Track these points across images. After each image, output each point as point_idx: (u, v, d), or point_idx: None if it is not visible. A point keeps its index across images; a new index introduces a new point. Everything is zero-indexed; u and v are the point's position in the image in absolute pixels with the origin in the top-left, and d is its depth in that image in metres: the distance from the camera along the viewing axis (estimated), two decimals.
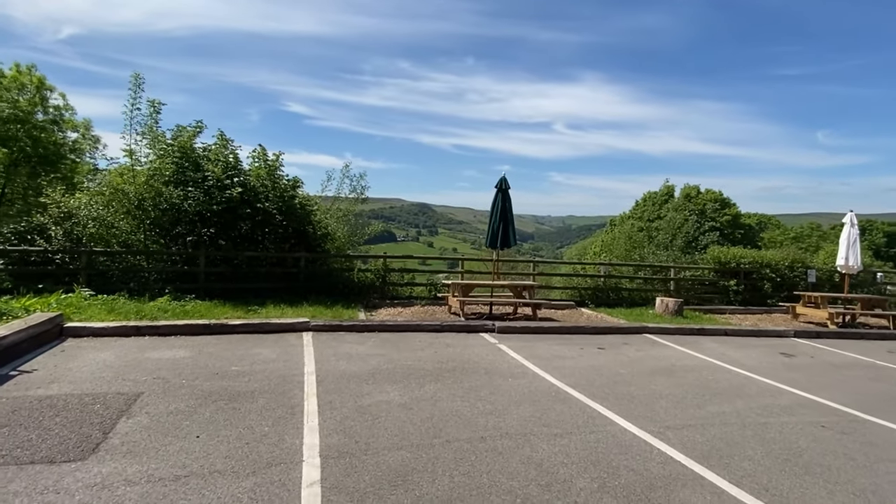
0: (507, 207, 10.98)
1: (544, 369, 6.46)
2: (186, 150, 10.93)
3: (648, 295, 14.46)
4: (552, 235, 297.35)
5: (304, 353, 6.44)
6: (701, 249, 17.09)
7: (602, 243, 36.99)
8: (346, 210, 14.01)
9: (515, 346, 7.73)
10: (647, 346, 8.44)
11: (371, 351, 6.81)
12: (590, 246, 42.38)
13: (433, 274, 14.29)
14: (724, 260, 14.78)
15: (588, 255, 38.97)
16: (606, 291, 13.98)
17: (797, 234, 40.79)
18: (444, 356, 6.77)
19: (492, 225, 10.95)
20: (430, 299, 12.44)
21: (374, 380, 5.51)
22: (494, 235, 10.93)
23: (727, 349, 8.54)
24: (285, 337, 7.31)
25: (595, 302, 13.56)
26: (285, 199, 11.42)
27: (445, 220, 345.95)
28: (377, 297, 12.52)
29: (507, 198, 10.97)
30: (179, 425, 3.98)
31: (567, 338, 8.63)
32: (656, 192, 42.25)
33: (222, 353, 6.24)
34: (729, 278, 14.64)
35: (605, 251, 19.76)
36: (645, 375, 6.52)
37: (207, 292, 10.72)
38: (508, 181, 11.01)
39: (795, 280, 14.85)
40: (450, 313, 11.08)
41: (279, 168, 12.00)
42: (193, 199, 10.51)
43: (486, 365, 6.48)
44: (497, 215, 10.87)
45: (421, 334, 8.11)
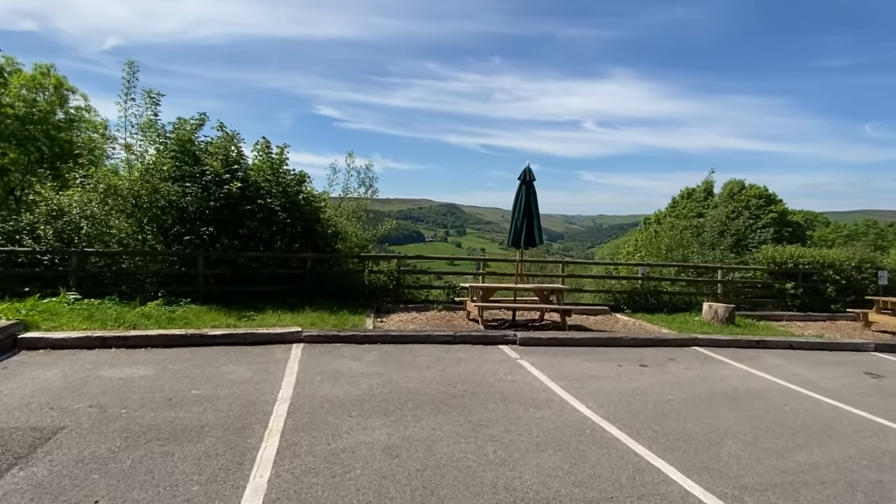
0: (532, 202, 9.77)
1: (574, 394, 5.26)
2: (185, 144, 10.14)
3: (692, 299, 12.98)
4: (582, 235, 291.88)
5: (286, 372, 5.43)
6: (752, 249, 15.42)
7: (636, 242, 35.15)
8: (358, 206, 13.02)
9: (540, 362, 6.54)
10: (699, 362, 7.10)
11: (367, 368, 5.75)
12: (622, 245, 40.44)
13: (457, 276, 13.21)
14: (780, 260, 13.14)
15: (621, 255, 37.13)
16: (645, 295, 12.58)
17: (851, 231, 37.83)
18: (453, 376, 5.65)
19: (514, 222, 9.76)
20: (449, 303, 11.35)
21: (361, 410, 4.44)
22: (518, 233, 9.74)
23: (797, 367, 7.12)
24: (271, 350, 6.33)
25: (632, 307, 12.19)
26: (289, 195, 10.51)
27: (474, 220, 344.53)
28: (390, 301, 11.51)
29: (531, 191, 9.77)
30: (82, 482, 2.99)
31: (601, 352, 7.37)
32: (695, 188, 40.04)
33: (189, 372, 5.29)
34: (785, 280, 13.00)
35: (642, 250, 18.26)
36: (701, 404, 5.25)
37: (206, 296, 9.91)
38: (533, 173, 9.80)
39: (864, 283, 13.08)
40: (468, 319, 9.97)
41: (284, 162, 11.11)
42: (191, 196, 9.72)
43: (504, 388, 5.32)
44: (520, 210, 9.67)
45: (430, 347, 6.99)
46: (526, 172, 9.72)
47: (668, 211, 38.42)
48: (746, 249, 15.33)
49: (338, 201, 12.82)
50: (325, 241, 11.43)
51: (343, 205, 12.75)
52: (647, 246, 16.49)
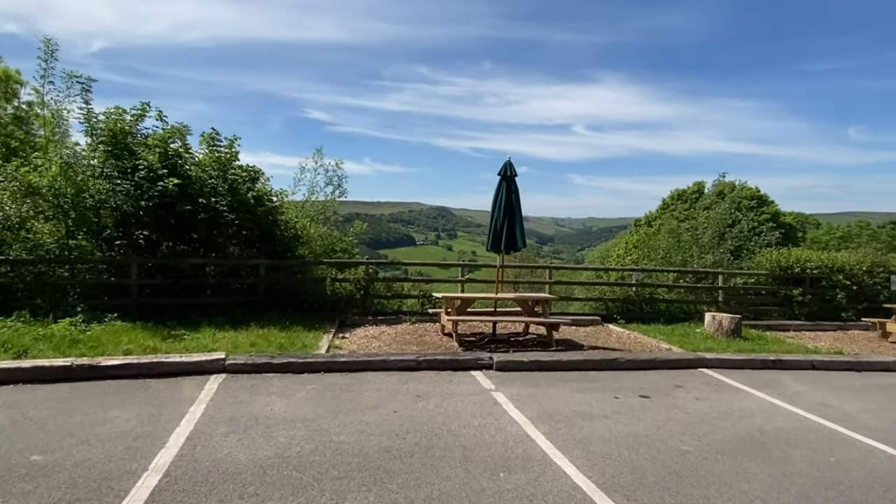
0: (514, 200, 8.55)
1: (561, 445, 4.04)
2: (119, 135, 8.80)
3: (691, 307, 11.86)
4: (572, 238, 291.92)
5: (185, 419, 4.14)
6: (753, 252, 14.37)
7: (626, 245, 34.11)
8: (325, 207, 11.73)
9: (519, 394, 5.30)
10: (710, 390, 5.91)
11: (294, 411, 4.47)
12: (612, 248, 39.48)
13: (439, 284, 11.93)
14: (786, 264, 12.06)
15: (612, 258, 36.11)
16: (639, 303, 11.43)
17: (844, 233, 37.15)
18: (405, 421, 4.40)
19: (494, 222, 8.54)
20: (424, 314, 10.11)
21: (261, 485, 3.16)
22: (497, 236, 8.50)
23: (826, 395, 5.96)
24: (180, 385, 5.03)
25: (625, 316, 11.03)
26: (238, 194, 9.21)
27: (464, 223, 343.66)
28: (357, 313, 10.24)
29: (513, 188, 8.55)
30: None
31: (594, 377, 6.16)
32: (685, 189, 39.23)
33: (52, 421, 3.98)
34: (791, 286, 11.92)
35: (634, 252, 17.19)
36: (724, 455, 4.05)
37: (140, 309, 8.58)
38: (514, 167, 8.59)
39: (876, 288, 12.04)
40: (443, 334, 8.74)
41: (236, 157, 9.81)
42: (122, 194, 8.41)
43: (469, 439, 4.08)
44: (500, 210, 8.45)
45: (385, 376, 5.72)
46: (506, 167, 8.51)
47: (658, 213, 37.55)
48: (748, 252, 14.26)
49: (303, 202, 11.52)
50: (285, 246, 10.14)
51: (307, 206, 11.46)
52: (643, 247, 15.37)
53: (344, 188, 11.63)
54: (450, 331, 8.54)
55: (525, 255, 57.05)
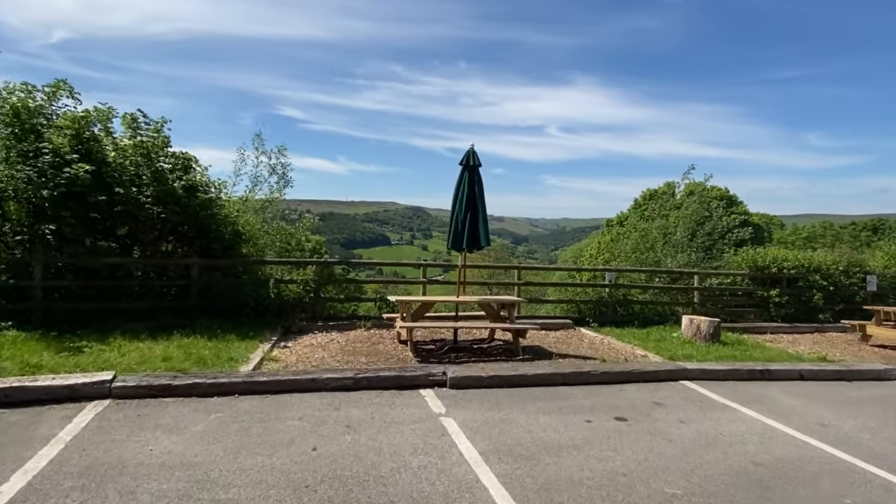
0: (478, 192, 7.70)
1: (520, 495, 3.18)
2: (21, 113, 7.58)
3: (666, 309, 11.24)
4: (546, 238, 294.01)
5: (22, 468, 3.11)
6: (726, 251, 13.90)
7: (599, 245, 33.83)
8: (271, 199, 10.63)
9: (474, 420, 4.43)
10: (694, 408, 5.16)
11: (183, 451, 3.48)
12: (585, 248, 39.23)
13: (404, 285, 10.99)
14: (763, 264, 11.56)
15: (584, 258, 35.76)
16: (613, 305, 10.75)
17: (809, 233, 37.73)
18: (322, 464, 3.46)
19: (455, 217, 7.67)
20: (380, 319, 9.17)
21: None
22: (458, 233, 7.63)
23: (822, 411, 5.28)
24: (43, 416, 3.96)
25: (598, 319, 10.33)
26: (164, 184, 8.09)
27: (440, 223, 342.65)
28: (306, 318, 9.24)
29: (476, 179, 7.69)
30: None
31: (563, 395, 5.34)
32: (657, 189, 39.30)
33: None
34: (769, 287, 11.43)
35: (606, 253, 16.63)
36: (718, 499, 3.26)
37: (47, 316, 7.40)
38: (478, 157, 7.74)
39: (852, 289, 11.66)
40: (399, 342, 7.84)
41: (167, 144, 8.68)
42: (24, 181, 7.21)
43: (403, 487, 3.17)
44: (462, 203, 7.59)
45: (314, 398, 4.75)
46: (469, 156, 7.65)
47: (630, 212, 37.45)
48: (718, 252, 13.78)
49: (246, 195, 10.39)
50: (225, 244, 9.05)
51: (251, 199, 10.35)
52: (614, 247, 14.77)
53: (289, 178, 10.53)
54: (406, 338, 7.64)
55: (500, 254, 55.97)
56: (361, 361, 6.62)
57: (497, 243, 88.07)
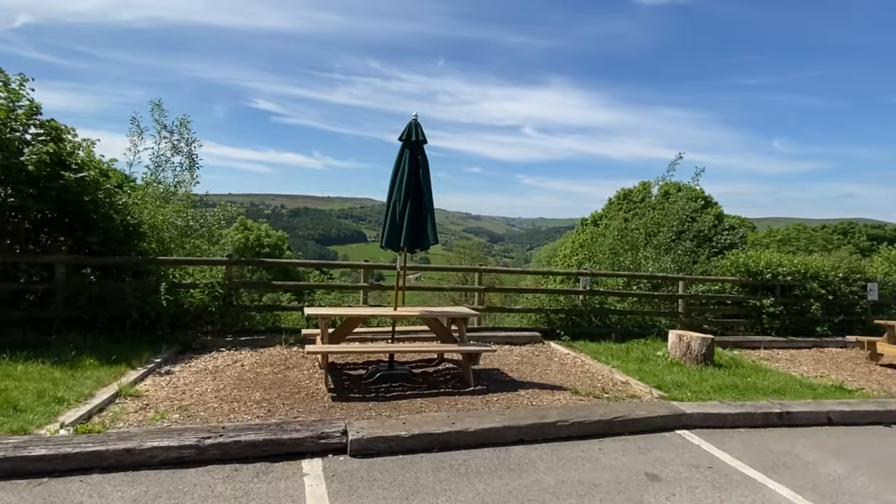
0: (423, 176, 6.02)
1: None
2: None
3: (647, 320, 9.81)
4: (522, 237, 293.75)
5: None
6: (698, 255, 12.59)
7: (573, 244, 32.57)
8: (177, 185, 8.72)
9: None
10: (705, 484, 3.60)
11: None
12: (559, 248, 37.99)
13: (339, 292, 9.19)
14: (755, 269, 10.23)
15: (558, 259, 34.45)
16: (587, 315, 9.25)
17: (784, 236, 37.32)
18: None
19: (391, 207, 5.97)
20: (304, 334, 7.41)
21: None
22: (395, 227, 5.93)
23: (879, 485, 3.80)
24: None
25: (570, 331, 8.82)
26: (15, 156, 6.18)
27: None
28: (213, 331, 7.46)
29: (420, 160, 6.01)
30: None
31: (518, 461, 3.72)
32: (631, 189, 38.35)
33: None
34: (762, 295, 10.11)
35: (580, 253, 15.26)
36: None
37: None
38: (422, 131, 6.06)
39: (852, 298, 10.43)
40: (321, 367, 6.15)
41: (37, 112, 6.74)
42: None
43: None
44: (402, 189, 5.89)
45: (127, 483, 3.01)
46: (411, 129, 5.95)
47: (605, 211, 36.40)
48: (705, 256, 12.46)
49: (150, 180, 8.43)
50: (116, 239, 7.18)
51: (151, 185, 8.41)
52: (589, 248, 13.32)
53: (196, 159, 8.58)
54: (333, 360, 5.94)
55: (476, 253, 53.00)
56: (254, 399, 4.91)
57: (474, 241, 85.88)
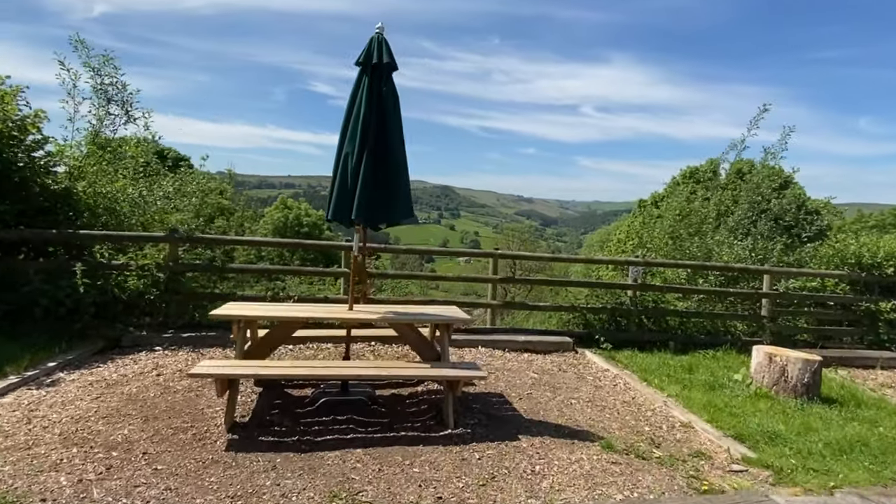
0: (389, 117, 4.11)
1: None
2: None
3: (719, 325, 7.52)
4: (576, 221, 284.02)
5: None
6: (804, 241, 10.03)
7: (629, 229, 29.58)
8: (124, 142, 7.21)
9: None
10: None
11: None
12: (614, 232, 34.94)
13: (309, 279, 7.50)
14: (869, 261, 7.67)
15: (611, 244, 31.58)
16: (637, 316, 7.10)
17: (878, 221, 32.39)
18: None
19: (342, 162, 4.10)
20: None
21: None
22: (345, 190, 4.07)
23: None
24: None
25: (613, 337, 6.73)
26: None
27: (468, 203, 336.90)
28: (151, 324, 6.00)
29: (385, 92, 4.10)
30: None
31: None
32: (698, 167, 34.52)
33: None
34: (880, 296, 7.55)
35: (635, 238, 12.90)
36: None
37: None
38: (390, 50, 4.13)
39: None
40: (255, 384, 4.49)
41: None
42: None
43: None
44: (356, 135, 4.01)
45: None
46: (374, 48, 4.04)
47: (667, 192, 32.90)
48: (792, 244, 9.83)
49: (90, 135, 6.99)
50: (38, 209, 5.84)
51: (89, 139, 6.95)
52: (645, 232, 10.98)
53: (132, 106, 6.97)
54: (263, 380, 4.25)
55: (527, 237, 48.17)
56: (114, 440, 3.30)
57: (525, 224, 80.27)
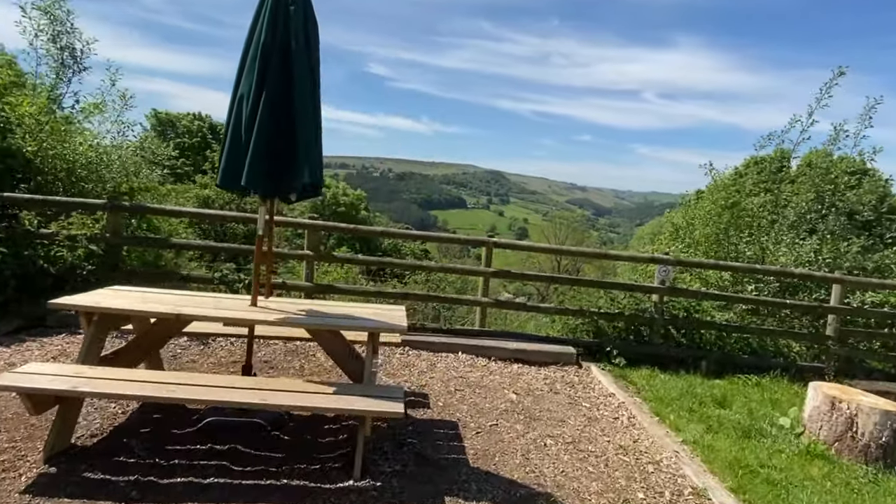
0: (296, 49, 3.02)
1: None
2: None
3: (767, 342, 6.05)
4: (631, 212, 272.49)
5: None
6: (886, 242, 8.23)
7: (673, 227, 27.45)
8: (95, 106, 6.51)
9: None
10: None
11: None
12: (666, 223, 32.41)
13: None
14: None
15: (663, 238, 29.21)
16: (662, 326, 5.76)
17: None
18: None
19: (236, 105, 3.08)
20: None
21: None
22: (237, 146, 3.06)
23: None
24: None
25: (628, 350, 5.46)
26: None
27: (518, 189, 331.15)
28: None
29: (289, 13, 3.01)
30: None
31: None
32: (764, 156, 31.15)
33: None
34: None
35: (667, 232, 11.25)
36: None
37: None
38: None
39: None
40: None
41: None
42: None
43: None
44: (254, 70, 2.97)
45: None
46: None
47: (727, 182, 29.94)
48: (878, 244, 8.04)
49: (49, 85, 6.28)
50: None
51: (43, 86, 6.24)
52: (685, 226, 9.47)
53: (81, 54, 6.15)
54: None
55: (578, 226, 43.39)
56: None
57: (577, 213, 75.37)
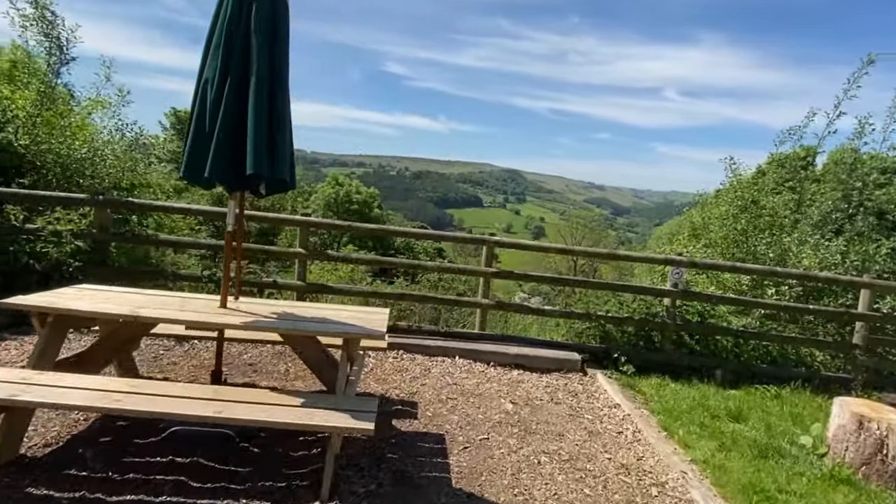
0: (258, 30, 2.77)
1: None
2: None
3: (788, 350, 5.63)
4: (651, 211, 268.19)
5: None
6: None
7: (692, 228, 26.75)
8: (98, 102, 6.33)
9: None
10: None
11: None
12: (685, 223, 31.57)
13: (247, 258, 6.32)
14: None
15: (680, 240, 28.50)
16: (674, 332, 5.40)
17: None
18: None
19: (201, 92, 2.84)
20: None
21: None
22: (202, 135, 2.82)
23: None
24: None
25: (638, 357, 5.12)
26: None
27: (535, 188, 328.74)
28: None
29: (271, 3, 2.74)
30: None
31: None
32: (789, 153, 30.09)
33: None
34: None
35: (685, 232, 10.76)
36: None
37: None
38: None
39: None
40: None
41: None
42: None
43: None
44: (219, 52, 2.73)
45: None
46: None
47: (752, 180, 29.01)
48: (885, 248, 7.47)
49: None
50: None
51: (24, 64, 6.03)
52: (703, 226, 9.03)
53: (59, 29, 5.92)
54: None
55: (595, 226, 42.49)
56: None
57: (595, 213, 73.82)
